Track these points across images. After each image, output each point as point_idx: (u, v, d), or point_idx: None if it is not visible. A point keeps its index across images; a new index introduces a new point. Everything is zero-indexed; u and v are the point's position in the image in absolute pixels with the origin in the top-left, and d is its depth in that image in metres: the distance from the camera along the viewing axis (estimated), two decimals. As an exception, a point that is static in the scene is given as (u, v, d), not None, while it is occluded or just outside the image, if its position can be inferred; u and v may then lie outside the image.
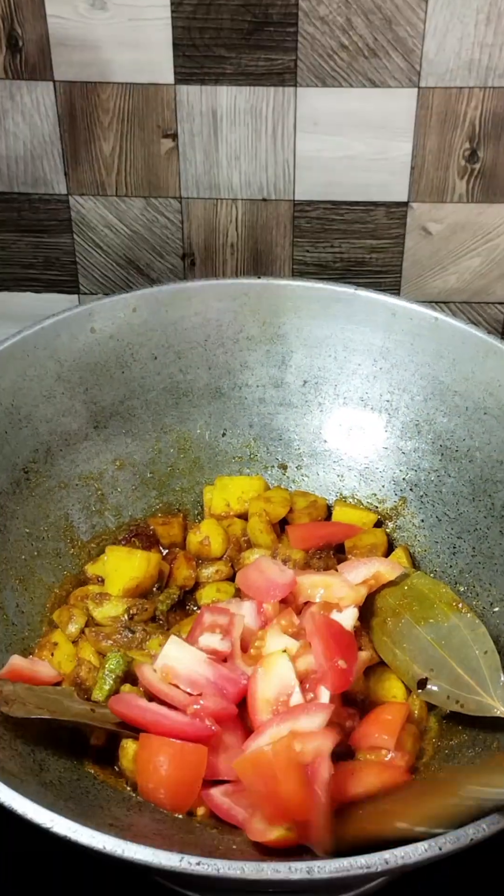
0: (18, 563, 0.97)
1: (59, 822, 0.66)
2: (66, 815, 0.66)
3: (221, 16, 1.07)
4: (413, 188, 1.17)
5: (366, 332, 1.09)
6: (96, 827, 0.66)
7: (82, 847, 0.65)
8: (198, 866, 0.63)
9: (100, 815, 0.77)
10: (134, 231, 1.22)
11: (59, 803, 0.69)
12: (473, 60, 1.09)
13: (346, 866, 0.63)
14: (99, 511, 1.06)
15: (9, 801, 0.67)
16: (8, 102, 1.13)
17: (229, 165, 1.17)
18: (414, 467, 1.08)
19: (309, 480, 1.12)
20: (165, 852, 0.64)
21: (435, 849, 0.65)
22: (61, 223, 1.22)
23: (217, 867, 0.63)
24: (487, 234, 1.20)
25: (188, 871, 0.63)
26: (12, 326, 1.04)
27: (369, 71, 1.10)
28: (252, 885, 0.66)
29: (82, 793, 0.80)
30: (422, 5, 1.06)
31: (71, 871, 0.89)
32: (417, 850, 0.64)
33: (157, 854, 0.64)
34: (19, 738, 0.82)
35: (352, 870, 0.63)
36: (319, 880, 0.64)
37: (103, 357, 1.07)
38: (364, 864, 0.64)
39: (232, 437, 1.13)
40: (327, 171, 1.17)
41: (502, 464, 1.00)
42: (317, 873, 0.63)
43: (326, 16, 1.07)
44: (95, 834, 0.65)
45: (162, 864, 0.64)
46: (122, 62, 1.11)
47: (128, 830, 0.73)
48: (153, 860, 0.64)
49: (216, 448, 1.12)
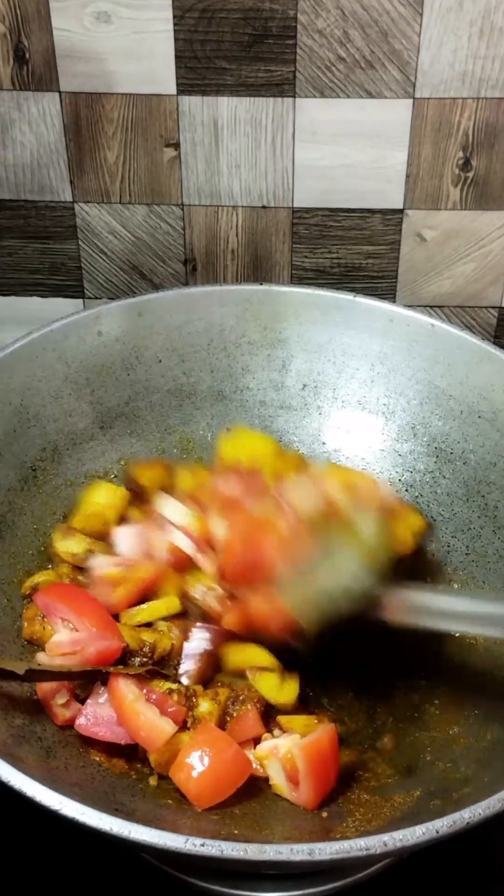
0: (26, 558, 0.97)
1: (67, 805, 0.66)
2: (74, 799, 0.66)
3: (222, 29, 1.08)
4: (408, 196, 1.18)
5: (364, 338, 1.09)
6: (103, 810, 0.66)
7: (90, 829, 0.66)
8: (202, 847, 0.64)
9: (105, 800, 0.77)
10: (137, 237, 1.23)
11: (66, 788, 0.69)
12: (467, 72, 1.09)
13: (346, 848, 0.63)
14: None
15: (18, 784, 0.67)
16: (15, 113, 1.14)
17: (230, 174, 1.17)
18: (410, 469, 1.08)
19: (307, 480, 1.12)
20: (171, 834, 0.64)
21: (432, 832, 0.65)
22: (67, 230, 1.22)
23: (221, 848, 0.64)
24: (480, 240, 1.20)
25: (193, 852, 0.64)
26: (19, 330, 1.04)
27: (366, 82, 1.10)
28: (254, 867, 0.67)
29: (88, 779, 0.80)
30: (417, 19, 1.06)
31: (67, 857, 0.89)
32: (415, 833, 0.64)
33: (162, 836, 0.64)
34: (27, 726, 0.82)
35: (352, 852, 0.63)
36: (320, 862, 0.64)
37: (109, 359, 1.07)
38: (364, 846, 0.64)
39: (232, 437, 1.13)
40: (325, 179, 1.17)
41: (495, 466, 1.01)
42: (318, 855, 0.63)
43: (324, 29, 1.07)
44: (103, 816, 0.65)
45: (167, 846, 0.64)
46: (126, 73, 1.11)
47: (132, 815, 0.73)
48: (158, 842, 0.64)
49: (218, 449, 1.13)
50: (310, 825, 0.79)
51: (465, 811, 0.66)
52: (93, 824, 0.66)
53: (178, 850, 0.64)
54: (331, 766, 0.81)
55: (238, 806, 0.80)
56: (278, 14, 1.06)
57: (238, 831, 0.77)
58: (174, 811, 0.79)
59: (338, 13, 1.06)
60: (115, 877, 0.88)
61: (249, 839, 0.70)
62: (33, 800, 0.67)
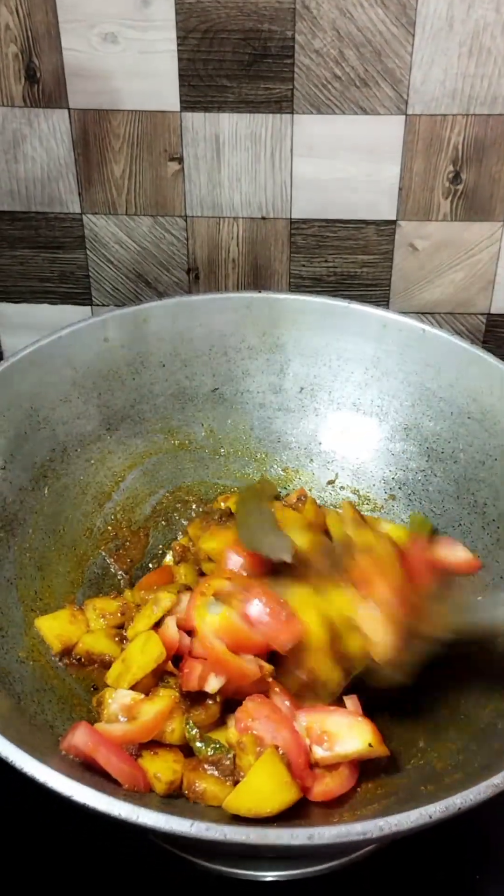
0: (37, 554, 0.97)
1: (78, 791, 0.66)
2: (84, 785, 0.67)
3: (224, 48, 1.08)
4: (401, 208, 1.18)
5: (358, 343, 1.09)
6: (112, 796, 0.66)
7: (100, 814, 0.66)
8: (206, 831, 0.64)
9: (114, 787, 0.77)
10: (143, 247, 1.23)
11: (77, 775, 0.69)
12: (457, 90, 1.09)
13: (344, 832, 0.64)
14: (111, 507, 1.07)
15: (32, 771, 0.67)
16: (27, 129, 1.14)
17: (231, 186, 1.17)
18: (403, 467, 1.09)
19: (305, 479, 1.13)
20: (177, 818, 0.64)
21: (426, 817, 0.65)
22: (75, 240, 1.22)
23: (224, 832, 0.64)
24: (469, 250, 1.20)
25: (198, 835, 0.64)
26: (29, 336, 1.04)
27: (360, 99, 1.10)
28: (256, 850, 0.67)
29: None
30: (409, 39, 1.06)
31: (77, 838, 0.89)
32: (409, 817, 0.65)
33: (169, 820, 0.64)
34: (40, 715, 0.82)
35: (349, 835, 0.64)
36: (319, 846, 0.64)
37: (115, 364, 1.07)
38: (360, 830, 0.64)
39: (234, 439, 1.13)
40: (321, 192, 1.17)
41: (484, 464, 1.01)
42: (317, 839, 0.63)
43: (321, 48, 1.07)
44: (113, 801, 0.65)
45: (173, 829, 0.64)
46: (132, 91, 1.11)
47: (139, 800, 0.74)
48: (165, 825, 0.64)
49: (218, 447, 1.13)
50: (308, 810, 0.79)
51: (457, 797, 0.66)
52: (103, 809, 0.66)
53: (184, 834, 0.64)
54: None
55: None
56: (277, 35, 1.06)
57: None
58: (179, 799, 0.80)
59: (333, 34, 1.06)
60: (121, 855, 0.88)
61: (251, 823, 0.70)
62: (46, 786, 0.67)
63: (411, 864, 0.87)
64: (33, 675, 0.87)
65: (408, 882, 0.86)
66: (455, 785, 0.69)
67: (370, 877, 0.86)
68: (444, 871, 0.87)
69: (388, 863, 0.86)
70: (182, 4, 1.05)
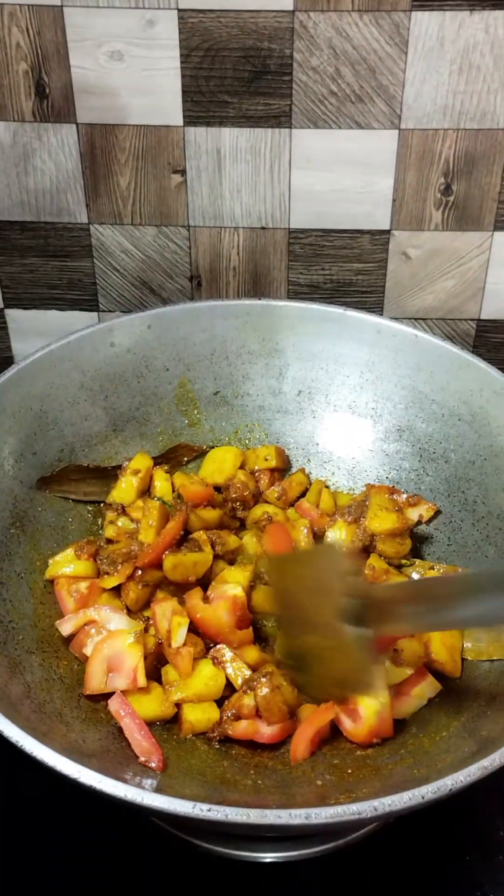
0: (47, 549, 0.97)
1: (85, 774, 0.67)
2: (91, 769, 0.67)
3: (225, 66, 1.08)
4: (394, 218, 1.18)
5: (354, 348, 1.09)
6: (118, 778, 0.67)
7: (106, 795, 0.66)
8: (208, 812, 0.64)
9: (119, 769, 0.77)
10: (147, 256, 1.23)
11: (84, 759, 0.69)
12: (447, 106, 1.09)
13: (340, 812, 0.64)
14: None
15: (40, 754, 0.68)
16: (36, 143, 1.14)
17: (232, 198, 1.17)
18: (396, 467, 1.09)
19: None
20: (180, 800, 0.65)
21: (418, 798, 0.65)
22: (83, 249, 1.22)
23: (226, 813, 0.64)
24: (460, 258, 1.20)
25: (200, 816, 0.64)
26: (40, 341, 1.05)
27: (356, 114, 1.10)
28: (256, 830, 0.67)
29: (103, 751, 0.80)
30: (402, 57, 1.06)
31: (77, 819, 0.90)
32: (403, 798, 0.65)
33: (172, 802, 0.65)
34: (49, 703, 0.83)
35: (345, 815, 0.64)
36: (316, 825, 0.64)
37: (121, 368, 1.07)
38: (355, 811, 0.64)
39: (234, 440, 1.13)
40: (318, 203, 1.17)
41: (474, 464, 1.01)
42: (314, 819, 0.64)
43: (318, 66, 1.08)
44: (118, 784, 0.66)
45: (177, 811, 0.65)
46: (137, 107, 1.11)
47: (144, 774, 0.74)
48: (168, 807, 0.65)
49: (220, 449, 1.13)
50: (306, 793, 0.79)
51: (448, 779, 0.66)
52: (108, 791, 0.66)
53: (187, 815, 0.65)
54: None
55: (241, 779, 0.81)
56: (276, 53, 1.07)
57: (238, 796, 0.77)
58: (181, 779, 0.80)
59: (330, 52, 1.06)
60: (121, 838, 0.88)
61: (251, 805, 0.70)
62: (55, 769, 0.68)
63: (405, 846, 0.87)
64: (42, 665, 0.88)
65: (402, 862, 0.86)
66: (446, 768, 0.70)
67: (366, 858, 0.86)
68: (436, 851, 0.87)
69: (383, 844, 0.87)
70: (185, 24, 1.05)
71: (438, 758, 0.78)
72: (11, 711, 0.73)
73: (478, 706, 0.83)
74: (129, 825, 0.88)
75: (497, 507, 0.97)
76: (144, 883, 0.85)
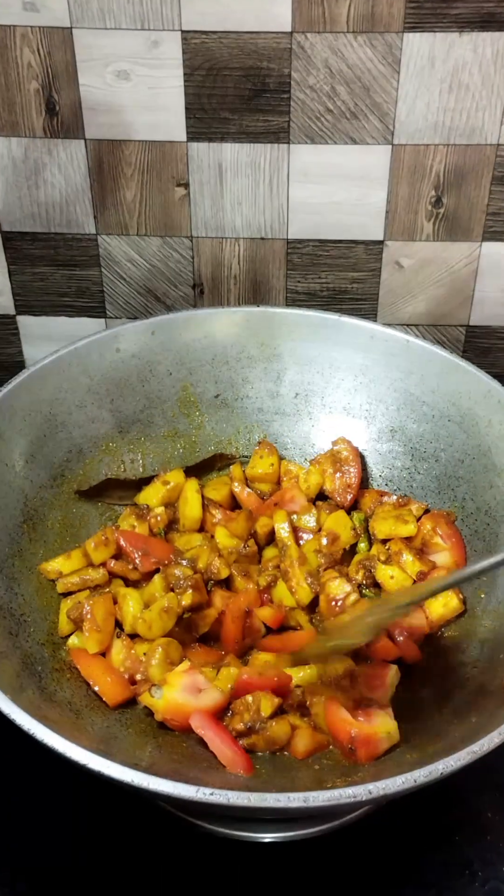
0: (55, 547, 0.97)
1: (93, 760, 0.67)
2: (99, 755, 0.67)
3: (226, 84, 1.08)
4: (387, 229, 1.18)
5: (349, 352, 1.09)
6: (124, 764, 0.67)
7: (113, 780, 0.66)
8: (211, 796, 0.64)
9: (125, 755, 0.78)
10: (152, 265, 1.23)
11: (92, 746, 0.69)
12: (438, 122, 1.09)
13: (336, 795, 0.64)
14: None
15: (51, 741, 0.68)
16: (46, 157, 1.14)
17: (233, 210, 1.17)
18: (389, 466, 1.09)
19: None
20: (184, 785, 0.65)
21: (411, 781, 0.66)
22: (91, 258, 1.23)
23: (227, 797, 0.64)
24: (451, 267, 1.21)
25: (203, 800, 0.64)
26: (49, 346, 1.04)
27: (350, 131, 1.10)
28: (256, 812, 0.67)
29: (111, 738, 0.80)
30: (395, 76, 1.07)
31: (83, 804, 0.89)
32: (396, 782, 0.65)
33: (176, 786, 0.65)
34: (59, 692, 0.83)
35: (341, 798, 0.64)
36: (314, 808, 0.64)
37: (127, 373, 1.07)
38: (351, 794, 0.65)
39: (234, 440, 1.13)
40: (315, 215, 1.17)
41: (463, 462, 1.01)
42: (312, 802, 0.64)
43: (315, 84, 1.08)
44: (125, 770, 0.66)
45: (181, 795, 0.65)
46: (143, 123, 1.11)
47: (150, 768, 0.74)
48: (173, 791, 0.65)
49: (220, 450, 1.13)
50: (304, 777, 0.80)
51: (439, 763, 0.67)
52: (116, 776, 0.66)
53: (191, 799, 0.65)
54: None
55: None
56: (275, 72, 1.07)
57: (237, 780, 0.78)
58: (186, 764, 0.80)
59: (326, 71, 1.06)
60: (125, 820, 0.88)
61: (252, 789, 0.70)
62: (64, 755, 0.68)
63: (399, 826, 0.87)
64: (53, 656, 0.88)
65: (395, 842, 0.87)
66: (437, 753, 0.70)
67: (361, 838, 0.86)
68: (428, 832, 0.87)
69: (378, 825, 0.87)
70: (188, 44, 1.05)
71: (430, 743, 0.78)
72: (26, 702, 0.73)
73: (467, 693, 0.84)
74: (132, 809, 0.87)
75: (485, 503, 0.98)
76: (149, 863, 0.85)
